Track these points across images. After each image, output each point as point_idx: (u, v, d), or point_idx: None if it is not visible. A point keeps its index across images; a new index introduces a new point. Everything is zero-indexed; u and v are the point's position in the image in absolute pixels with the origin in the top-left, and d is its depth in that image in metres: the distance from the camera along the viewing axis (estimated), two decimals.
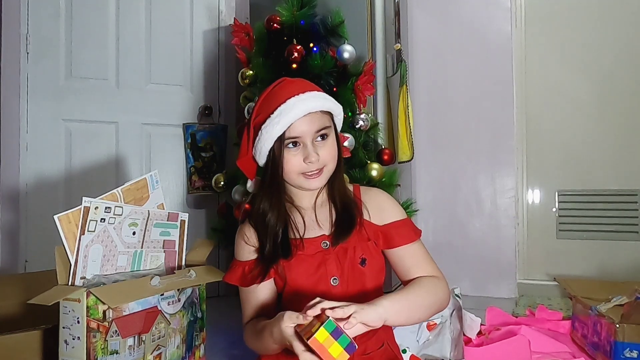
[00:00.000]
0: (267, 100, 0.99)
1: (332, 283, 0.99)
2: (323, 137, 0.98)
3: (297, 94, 0.95)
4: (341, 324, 0.78)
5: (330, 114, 1.01)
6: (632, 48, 2.37)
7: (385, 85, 2.08)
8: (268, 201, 1.01)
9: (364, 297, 1.00)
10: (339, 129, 1.06)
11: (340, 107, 1.04)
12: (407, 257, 1.03)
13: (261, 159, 1.01)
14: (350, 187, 1.08)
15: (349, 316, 0.80)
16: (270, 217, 1.00)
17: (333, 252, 0.99)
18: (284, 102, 0.95)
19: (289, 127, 0.95)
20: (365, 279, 1.01)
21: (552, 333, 1.68)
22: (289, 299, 1.01)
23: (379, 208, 1.05)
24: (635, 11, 2.37)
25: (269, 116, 0.95)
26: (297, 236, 1.01)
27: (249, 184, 1.10)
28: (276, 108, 0.95)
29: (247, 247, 1.04)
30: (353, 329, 0.80)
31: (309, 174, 0.98)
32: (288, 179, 1.00)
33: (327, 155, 0.98)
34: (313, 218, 1.03)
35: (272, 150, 0.97)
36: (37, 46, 2.23)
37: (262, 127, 0.96)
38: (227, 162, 2.41)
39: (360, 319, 0.81)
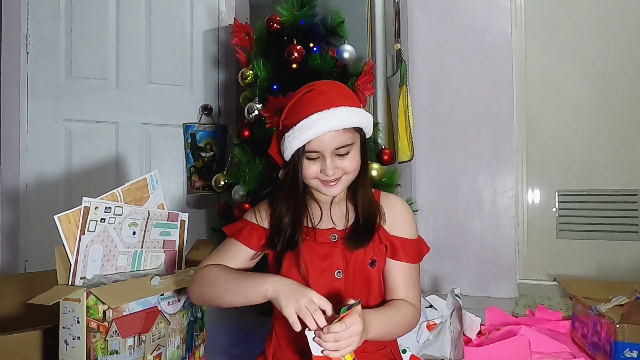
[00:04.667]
0: (294, 107, 0.99)
1: (335, 275, 1.00)
2: (344, 152, 0.99)
3: (321, 110, 0.95)
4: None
5: (356, 128, 1.00)
6: (632, 48, 2.37)
7: (385, 85, 2.08)
8: (286, 199, 1.03)
9: (369, 297, 1.02)
10: (368, 136, 1.07)
11: (369, 118, 1.03)
12: (401, 276, 1.03)
13: (286, 158, 1.03)
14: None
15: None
16: (285, 213, 1.02)
17: (340, 245, 1.01)
18: (307, 117, 0.95)
19: (308, 142, 0.96)
20: (373, 281, 1.02)
21: (552, 333, 1.68)
22: None
23: (394, 218, 1.06)
24: (635, 11, 2.37)
25: (292, 127, 0.97)
26: (310, 225, 1.03)
27: (281, 172, 1.14)
28: (299, 121, 0.96)
29: (256, 226, 1.06)
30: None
31: (325, 181, 1.00)
32: (307, 182, 1.02)
33: (347, 167, 0.99)
34: (328, 213, 1.05)
35: (293, 155, 1.00)
36: (37, 46, 2.23)
37: (286, 134, 0.98)
38: (227, 162, 2.41)
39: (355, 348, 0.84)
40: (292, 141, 0.97)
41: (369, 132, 1.06)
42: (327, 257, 1.00)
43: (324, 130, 0.94)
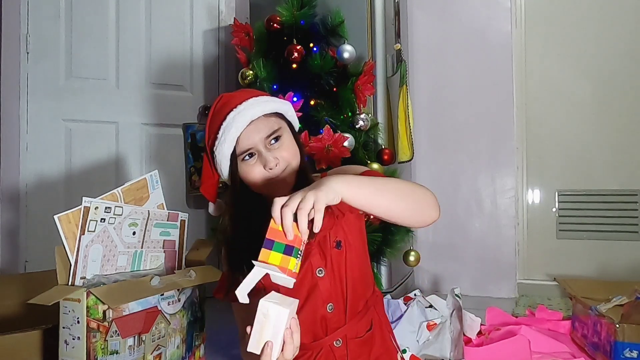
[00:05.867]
0: (212, 120, 0.99)
1: (317, 274, 0.97)
2: (276, 139, 0.96)
3: (235, 107, 0.95)
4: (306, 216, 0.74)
5: (279, 114, 0.99)
6: (632, 48, 2.38)
7: (385, 85, 2.08)
8: (234, 221, 1.00)
9: (350, 281, 0.98)
10: (295, 126, 1.05)
11: (287, 104, 1.02)
12: None
13: (224, 173, 1.00)
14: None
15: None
16: (243, 239, 0.97)
17: (315, 243, 0.97)
18: (224, 118, 0.94)
19: (237, 141, 0.94)
20: (346, 262, 0.98)
21: (552, 333, 1.68)
22: None
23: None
24: (635, 11, 2.37)
25: (216, 136, 0.96)
26: None
27: (211, 208, 1.10)
28: (219, 126, 0.95)
29: (229, 270, 1.05)
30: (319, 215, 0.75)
31: (272, 176, 0.95)
32: (257, 189, 0.98)
33: (287, 155, 0.96)
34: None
35: (230, 168, 0.97)
36: (37, 46, 2.23)
37: (214, 148, 0.97)
38: None
39: (322, 205, 0.75)
40: (222, 148, 0.94)
41: (293, 119, 1.03)
42: (304, 260, 0.95)
43: (246, 122, 0.93)
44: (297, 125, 1.06)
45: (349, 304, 0.98)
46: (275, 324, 0.75)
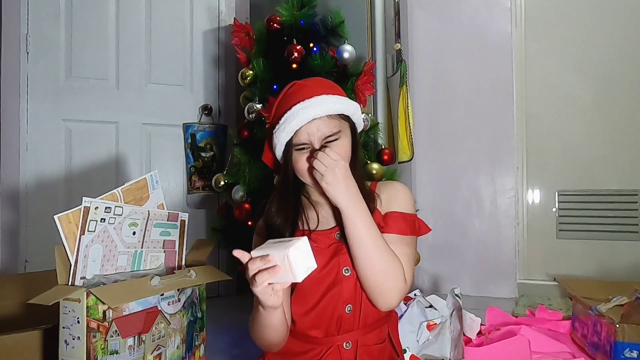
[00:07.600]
0: (279, 104, 1.02)
1: (343, 273, 0.98)
2: (333, 140, 0.98)
3: (302, 100, 0.96)
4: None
5: (344, 116, 1.00)
6: (631, 48, 2.37)
7: (385, 85, 2.08)
8: (278, 201, 1.03)
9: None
10: (359, 127, 1.06)
11: (356, 106, 1.03)
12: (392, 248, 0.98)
13: (277, 155, 1.04)
14: (367, 184, 1.08)
15: None
16: (276, 213, 1.02)
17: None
18: (290, 108, 0.97)
19: (294, 133, 0.97)
20: None
21: (552, 333, 1.68)
22: (298, 292, 0.99)
23: (389, 197, 1.04)
24: (635, 11, 2.37)
25: (278, 122, 0.98)
26: (307, 228, 1.01)
27: (276, 178, 1.14)
28: (283, 114, 0.97)
29: (260, 240, 1.05)
30: None
31: None
32: (302, 178, 1.01)
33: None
34: (329, 212, 1.03)
35: (284, 152, 1.01)
36: (37, 46, 2.23)
37: (273, 131, 1.00)
38: (227, 162, 2.41)
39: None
40: (279, 135, 0.98)
41: (358, 122, 1.05)
42: (334, 256, 0.98)
43: (308, 119, 0.95)
44: (361, 127, 1.08)
45: (363, 310, 0.99)
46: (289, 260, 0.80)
